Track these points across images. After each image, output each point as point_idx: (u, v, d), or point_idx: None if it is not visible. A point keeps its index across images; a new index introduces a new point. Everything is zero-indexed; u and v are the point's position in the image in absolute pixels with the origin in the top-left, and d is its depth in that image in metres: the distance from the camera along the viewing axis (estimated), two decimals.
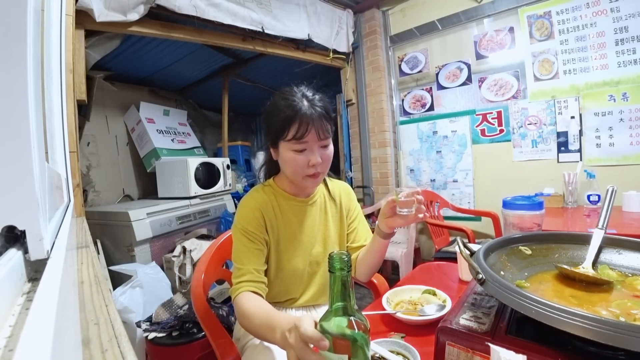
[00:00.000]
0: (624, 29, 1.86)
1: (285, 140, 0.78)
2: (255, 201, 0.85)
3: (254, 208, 0.84)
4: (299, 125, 0.76)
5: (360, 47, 2.87)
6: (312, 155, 0.79)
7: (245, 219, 0.83)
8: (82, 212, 1.37)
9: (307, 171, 0.80)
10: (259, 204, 0.85)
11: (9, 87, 0.30)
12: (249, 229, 0.82)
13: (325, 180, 0.98)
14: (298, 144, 0.78)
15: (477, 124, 2.43)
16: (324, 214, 0.94)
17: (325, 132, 0.79)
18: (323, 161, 0.81)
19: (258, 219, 0.84)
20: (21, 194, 0.31)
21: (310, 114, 0.77)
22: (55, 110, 1.03)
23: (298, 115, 0.76)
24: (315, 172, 0.81)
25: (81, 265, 0.65)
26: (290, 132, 0.77)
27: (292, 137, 0.77)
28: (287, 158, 0.80)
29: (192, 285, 0.95)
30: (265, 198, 0.87)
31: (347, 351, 0.43)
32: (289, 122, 0.77)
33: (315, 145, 0.79)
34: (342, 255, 0.44)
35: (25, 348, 0.20)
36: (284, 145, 0.80)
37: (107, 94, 2.79)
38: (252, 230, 0.82)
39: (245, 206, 0.85)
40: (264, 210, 0.85)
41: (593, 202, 1.85)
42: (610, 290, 0.53)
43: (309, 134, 0.77)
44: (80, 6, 1.44)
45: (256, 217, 0.83)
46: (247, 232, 0.82)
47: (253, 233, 0.82)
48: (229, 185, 2.82)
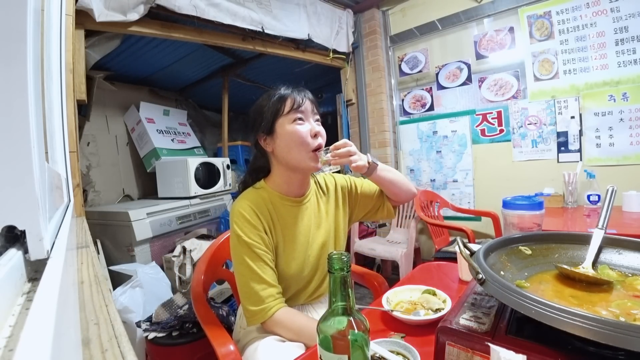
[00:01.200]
0: (624, 29, 1.86)
1: (283, 115, 0.81)
2: (251, 206, 0.82)
3: (251, 213, 0.81)
4: (294, 97, 0.81)
5: (360, 47, 2.87)
6: (312, 125, 0.83)
7: (246, 231, 0.80)
8: (82, 212, 1.37)
9: (312, 142, 0.81)
10: (255, 207, 0.82)
11: (9, 87, 0.30)
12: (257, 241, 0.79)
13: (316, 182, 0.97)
14: (297, 112, 0.81)
15: (477, 124, 2.43)
16: (318, 211, 0.93)
17: (316, 109, 0.85)
18: (322, 135, 0.84)
19: (258, 224, 0.81)
20: (21, 194, 0.31)
21: (300, 92, 0.84)
22: (55, 110, 1.03)
23: (290, 93, 0.82)
24: (319, 144, 0.82)
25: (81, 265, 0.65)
26: (286, 105, 0.81)
27: (290, 109, 0.80)
28: (290, 131, 0.80)
29: (192, 285, 0.95)
30: (259, 201, 0.84)
31: (346, 351, 0.43)
32: (283, 98, 0.81)
33: (311, 119, 0.84)
34: (342, 255, 0.45)
35: (25, 348, 0.20)
36: (283, 122, 0.81)
37: (107, 94, 2.79)
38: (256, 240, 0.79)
39: (241, 215, 0.81)
40: (260, 213, 0.82)
41: (593, 202, 1.85)
42: (610, 290, 0.53)
43: (305, 104, 0.82)
44: (80, 6, 1.44)
45: (256, 223, 0.81)
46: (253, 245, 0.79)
47: (258, 243, 0.79)
48: (229, 185, 2.82)
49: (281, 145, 0.82)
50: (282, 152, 0.82)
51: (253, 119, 0.86)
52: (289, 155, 0.82)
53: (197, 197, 2.48)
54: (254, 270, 0.78)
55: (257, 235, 0.80)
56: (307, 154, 0.81)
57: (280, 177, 0.87)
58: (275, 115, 0.81)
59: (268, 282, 0.78)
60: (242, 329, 0.90)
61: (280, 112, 0.81)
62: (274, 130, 0.82)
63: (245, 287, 0.79)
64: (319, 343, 0.45)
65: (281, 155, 0.83)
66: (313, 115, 0.84)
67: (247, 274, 0.79)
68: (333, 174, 1.03)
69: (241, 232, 0.80)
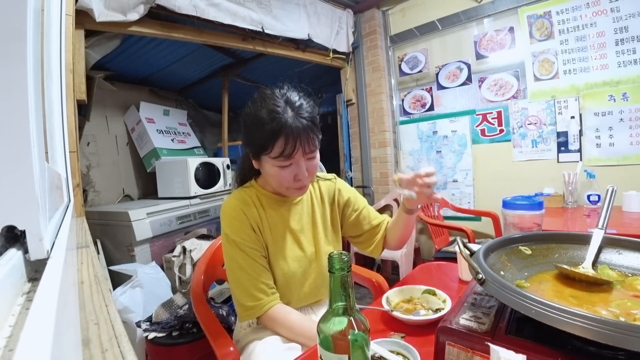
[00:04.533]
0: (624, 29, 1.86)
1: (269, 157, 0.73)
2: (238, 204, 0.81)
3: (238, 211, 0.80)
4: (286, 142, 0.70)
5: (360, 47, 2.87)
6: (299, 169, 0.74)
7: (233, 229, 0.79)
8: (82, 212, 1.37)
9: (293, 184, 0.77)
10: (243, 207, 0.81)
11: (9, 87, 0.30)
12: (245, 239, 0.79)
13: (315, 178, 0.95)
14: (284, 160, 0.72)
15: (477, 124, 2.43)
16: (311, 212, 0.91)
17: (312, 146, 0.74)
18: (309, 173, 0.78)
19: (245, 222, 0.80)
20: (21, 194, 0.31)
21: (297, 127, 0.70)
22: (55, 110, 1.03)
23: (284, 130, 0.69)
24: (302, 185, 0.78)
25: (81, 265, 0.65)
26: (275, 148, 0.70)
27: (278, 155, 0.71)
28: (271, 173, 0.76)
29: (192, 285, 0.95)
30: (248, 201, 0.83)
31: (346, 351, 0.43)
32: (273, 137, 0.70)
33: (302, 160, 0.74)
34: (342, 255, 0.44)
35: (25, 348, 0.20)
36: (267, 160, 0.75)
37: (107, 93, 2.79)
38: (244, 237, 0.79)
39: (228, 213, 0.81)
40: (248, 213, 0.81)
41: (593, 202, 1.85)
42: (610, 290, 0.53)
43: (297, 152, 0.71)
44: (80, 6, 1.44)
45: (243, 220, 0.80)
46: (241, 243, 0.78)
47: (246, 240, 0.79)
48: (229, 185, 2.82)
49: (264, 174, 0.80)
50: (266, 178, 0.82)
51: (242, 129, 0.80)
52: (271, 185, 0.82)
53: (197, 197, 2.48)
54: (243, 267, 0.78)
55: (245, 233, 0.79)
56: (286, 190, 0.79)
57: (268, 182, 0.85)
58: (261, 151, 0.73)
59: (258, 279, 0.78)
60: (243, 329, 0.90)
61: (266, 152, 0.72)
62: (260, 160, 0.77)
63: (236, 284, 0.79)
64: (319, 343, 0.45)
65: (265, 178, 0.83)
66: (306, 152, 0.74)
67: (237, 270, 0.78)
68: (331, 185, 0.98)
69: (229, 230, 0.80)
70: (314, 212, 0.91)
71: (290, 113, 0.71)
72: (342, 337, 0.44)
